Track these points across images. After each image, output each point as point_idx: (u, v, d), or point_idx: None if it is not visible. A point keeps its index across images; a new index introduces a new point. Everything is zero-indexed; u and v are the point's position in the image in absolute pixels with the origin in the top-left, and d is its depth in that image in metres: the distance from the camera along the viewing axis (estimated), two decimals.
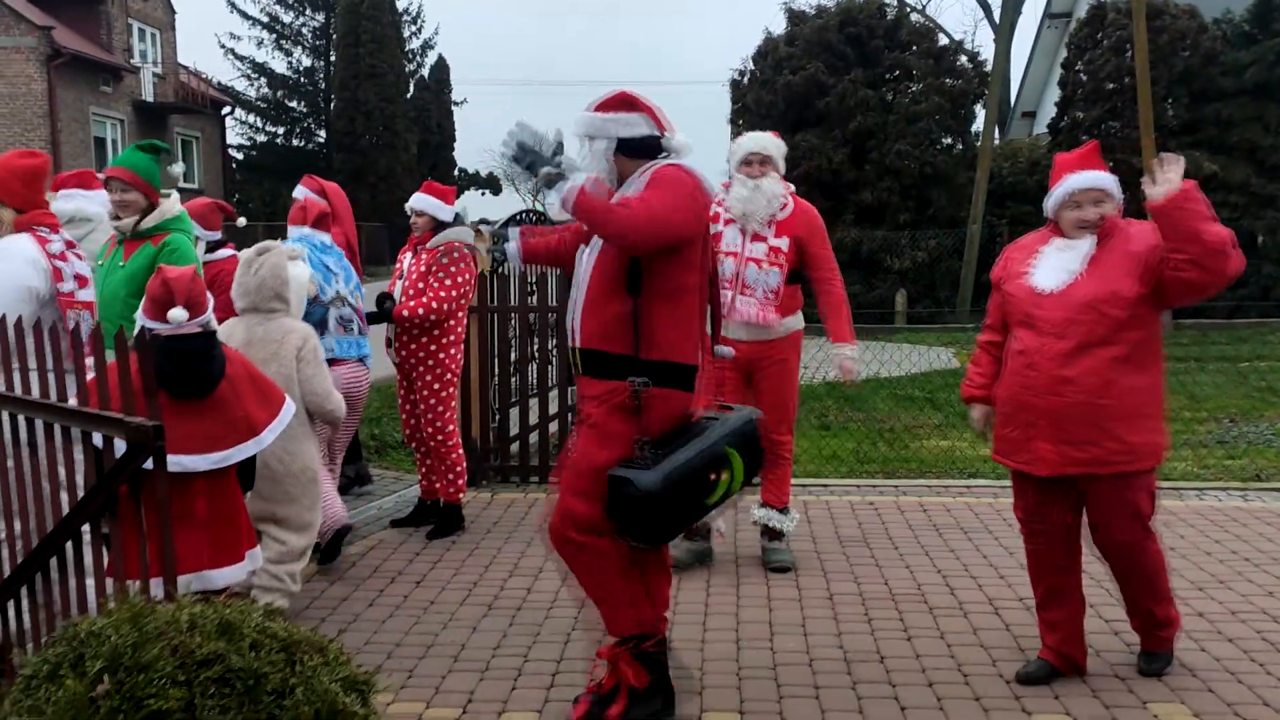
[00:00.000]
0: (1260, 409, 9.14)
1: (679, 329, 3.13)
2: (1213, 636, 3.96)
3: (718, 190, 3.70)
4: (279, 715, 1.31)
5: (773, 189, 4.75)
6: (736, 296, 4.72)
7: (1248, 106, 18.04)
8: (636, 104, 3.20)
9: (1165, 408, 3.47)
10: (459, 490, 5.48)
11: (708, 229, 3.24)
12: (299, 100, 36.36)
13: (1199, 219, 3.24)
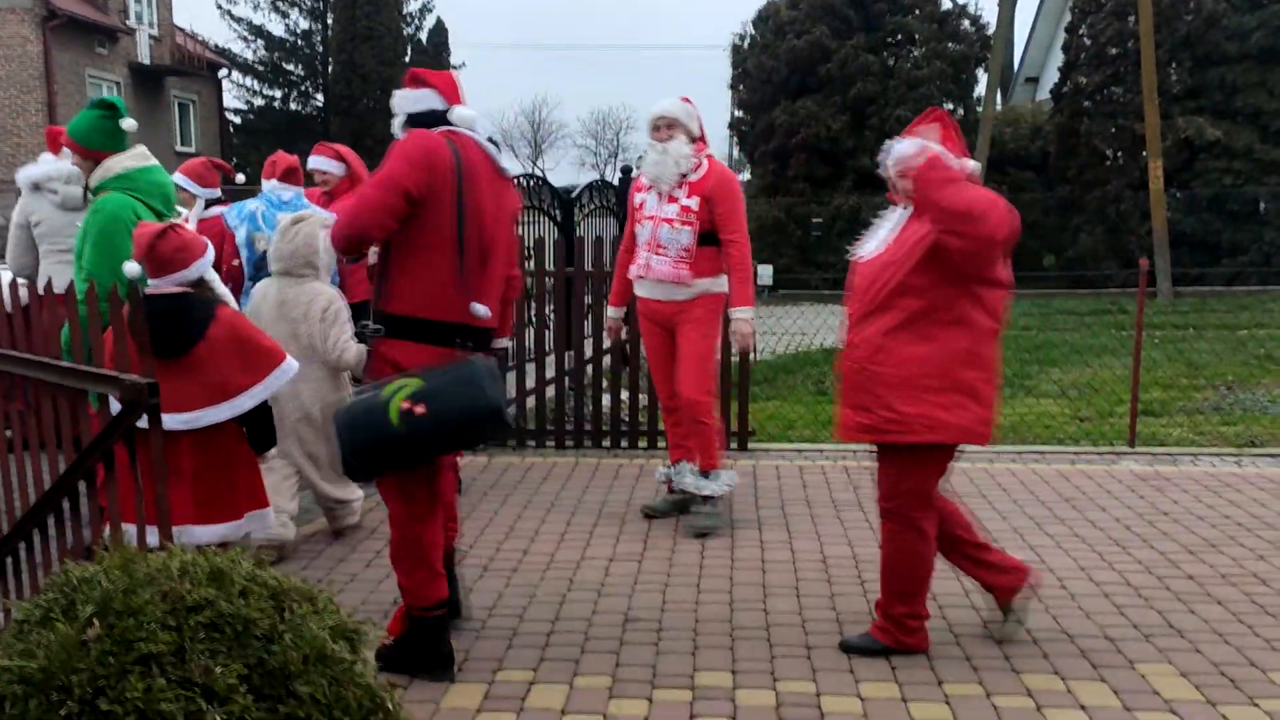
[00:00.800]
0: (1257, 376, 9.16)
1: (419, 286, 3.22)
2: (1201, 599, 3.99)
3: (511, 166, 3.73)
4: (267, 660, 1.33)
5: (680, 150, 4.85)
6: (651, 256, 4.89)
7: (1252, 71, 17.91)
8: (425, 80, 3.41)
9: (973, 383, 3.27)
10: (456, 454, 5.50)
11: (453, 190, 3.21)
12: (296, 63, 36.06)
13: (935, 187, 3.15)
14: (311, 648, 1.32)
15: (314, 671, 1.31)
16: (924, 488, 3.41)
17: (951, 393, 3.26)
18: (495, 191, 3.37)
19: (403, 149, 3.23)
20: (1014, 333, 12.61)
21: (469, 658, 3.52)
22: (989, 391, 3.32)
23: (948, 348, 3.27)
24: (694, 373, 4.88)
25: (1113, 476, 5.84)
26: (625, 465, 6.17)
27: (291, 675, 1.30)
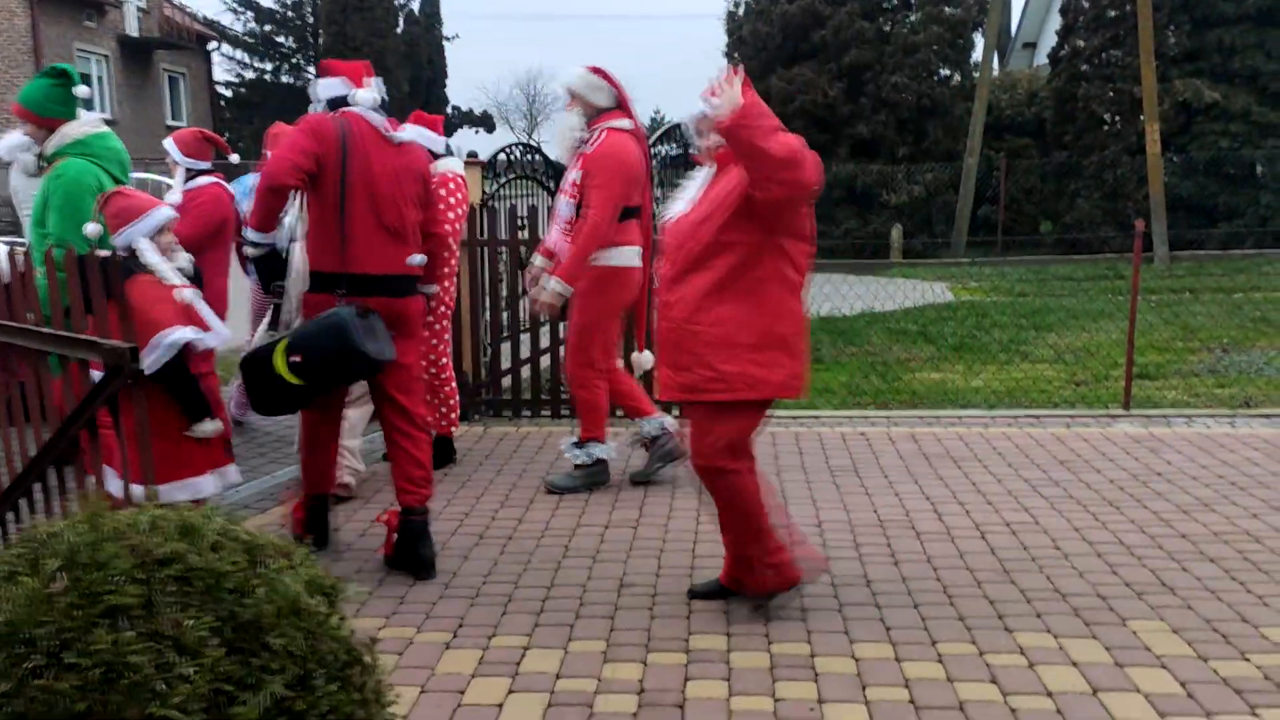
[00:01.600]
0: (1253, 338, 9.15)
1: (313, 243, 3.93)
2: (1195, 557, 4.00)
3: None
4: (240, 612, 1.32)
5: (569, 122, 4.90)
6: (552, 228, 5.03)
7: (1251, 33, 17.77)
8: (333, 69, 4.05)
9: (787, 338, 3.28)
10: (452, 424, 5.51)
11: (338, 160, 3.81)
12: (287, 35, 35.75)
13: (761, 135, 3.08)
14: (285, 601, 1.30)
15: (288, 624, 1.30)
16: (738, 441, 3.40)
17: (769, 349, 3.28)
18: (388, 158, 3.92)
19: (296, 127, 3.93)
20: (1010, 299, 12.60)
21: (464, 624, 3.52)
22: (800, 345, 3.35)
23: (762, 304, 3.28)
24: (571, 346, 5.04)
25: (1108, 439, 5.84)
26: (621, 433, 6.16)
27: (264, 629, 1.28)
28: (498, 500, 4.94)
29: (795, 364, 3.34)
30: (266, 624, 1.29)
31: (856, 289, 14.00)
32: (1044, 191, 19.17)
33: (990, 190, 19.17)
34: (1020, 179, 19.20)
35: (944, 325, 10.40)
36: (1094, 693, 2.97)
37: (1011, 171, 19.09)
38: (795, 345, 3.34)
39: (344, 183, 3.80)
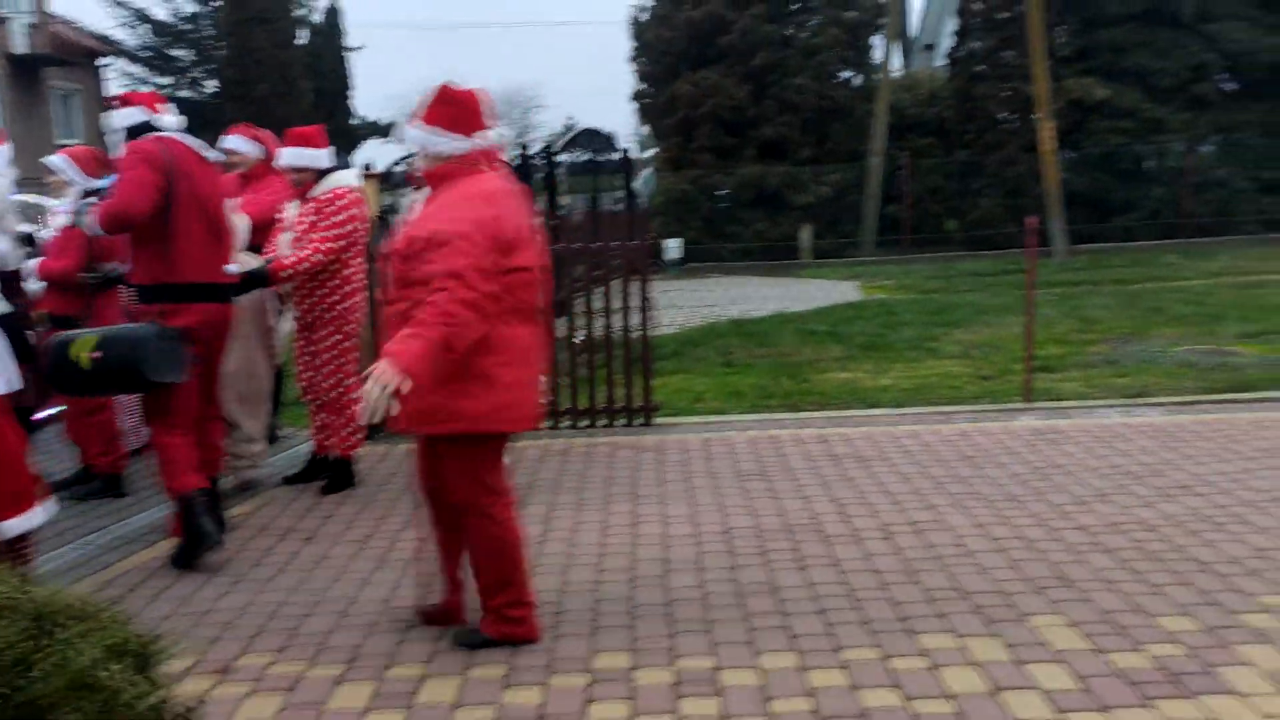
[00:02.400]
0: (1147, 328, 9.43)
1: (148, 259, 4.26)
2: (1093, 549, 4.06)
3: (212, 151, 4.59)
4: (26, 688, 1.19)
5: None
6: None
7: (1137, 31, 18.40)
8: (131, 100, 4.40)
9: (487, 370, 3.16)
10: (355, 445, 5.35)
11: (169, 180, 4.17)
12: (185, 48, 34.75)
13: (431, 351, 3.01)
14: (75, 674, 1.18)
15: (78, 701, 1.18)
16: (483, 476, 3.28)
17: (465, 380, 3.15)
18: (210, 174, 4.44)
19: (134, 156, 4.19)
20: (918, 296, 12.80)
21: (359, 655, 3.39)
22: (507, 375, 3.19)
23: (489, 338, 3.15)
24: None
25: (1011, 433, 5.93)
26: (529, 447, 6.07)
27: (48, 707, 1.16)
28: (401, 521, 4.80)
29: (499, 395, 3.18)
30: (50, 702, 1.16)
31: (768, 290, 14.13)
32: (948, 190, 19.58)
33: (896, 189, 19.51)
34: (925, 178, 19.58)
35: (853, 324, 10.51)
36: (994, 692, 2.97)
37: (916, 170, 19.45)
38: (498, 376, 3.17)
39: (173, 200, 4.18)
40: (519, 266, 3.20)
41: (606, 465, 5.61)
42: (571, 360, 6.65)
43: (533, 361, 3.29)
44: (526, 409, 3.28)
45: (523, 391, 3.24)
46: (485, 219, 3.10)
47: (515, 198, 3.28)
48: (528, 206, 3.37)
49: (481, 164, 3.26)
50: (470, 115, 3.25)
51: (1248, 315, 9.69)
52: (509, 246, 3.15)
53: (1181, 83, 18.11)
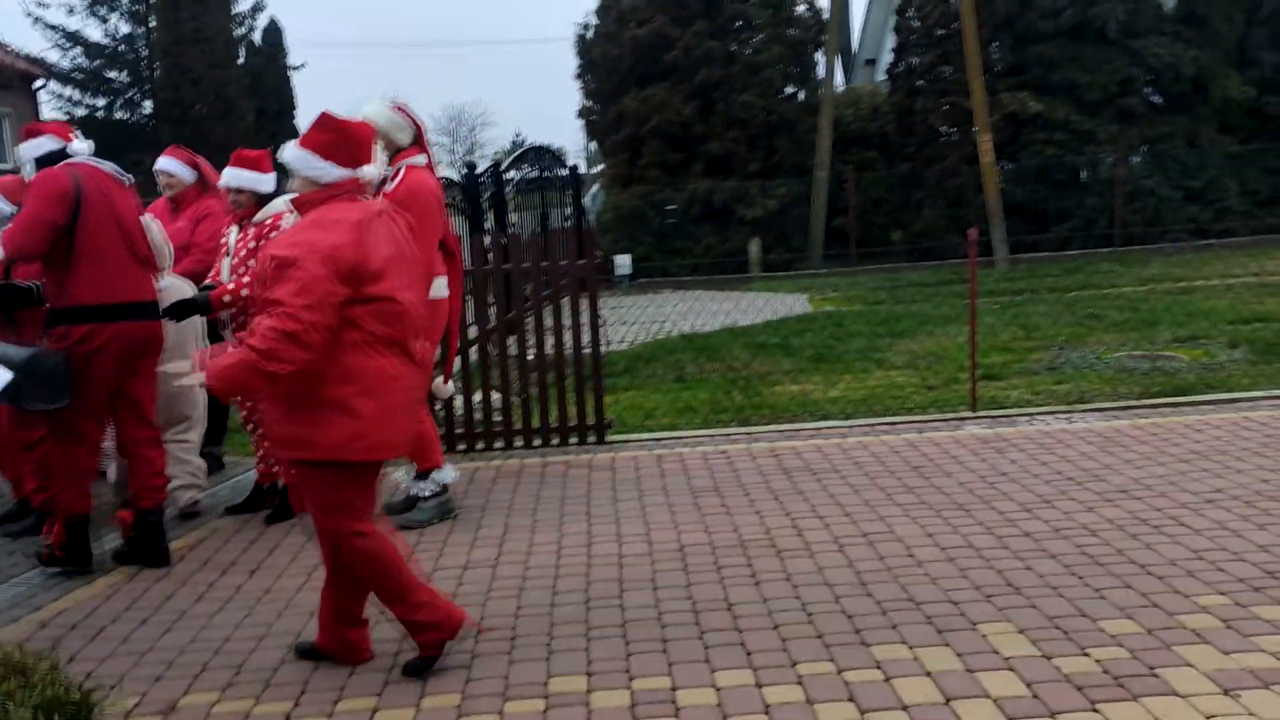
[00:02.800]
0: (1085, 335, 9.64)
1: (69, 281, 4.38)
2: (1037, 554, 4.15)
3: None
4: None
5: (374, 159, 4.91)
6: None
7: (1066, 47, 18.82)
8: (40, 130, 4.57)
9: (344, 399, 3.15)
10: None
11: (75, 207, 4.30)
12: (119, 69, 34.14)
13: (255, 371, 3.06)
14: None
15: None
16: (343, 503, 3.28)
17: (320, 408, 3.16)
18: (128, 198, 4.56)
19: (36, 190, 4.32)
20: (866, 308, 12.97)
21: (306, 689, 3.35)
22: (365, 406, 3.18)
23: (330, 368, 3.17)
24: None
25: (957, 442, 6.04)
26: (481, 468, 6.05)
27: None
28: None
29: (356, 424, 3.17)
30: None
31: (718, 304, 14.21)
32: (892, 202, 19.85)
33: (842, 202, 19.75)
34: (869, 190, 19.84)
35: (803, 337, 10.61)
36: (946, 702, 3.03)
37: (860, 184, 19.70)
38: (355, 405, 3.16)
39: (80, 227, 4.31)
40: (378, 296, 3.18)
41: (560, 485, 5.61)
42: (523, 379, 6.64)
43: (396, 391, 3.25)
44: (385, 438, 3.25)
45: (382, 422, 3.21)
46: (328, 247, 3.09)
47: (380, 228, 3.25)
48: (402, 238, 3.35)
49: (352, 195, 3.27)
50: (348, 145, 3.29)
51: (1180, 321, 9.96)
52: (357, 276, 3.13)
53: (1109, 96, 18.57)
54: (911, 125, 19.69)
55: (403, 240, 3.35)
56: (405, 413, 3.31)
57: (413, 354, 3.31)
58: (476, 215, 9.88)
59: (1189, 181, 18.50)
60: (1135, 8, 18.49)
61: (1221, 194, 18.38)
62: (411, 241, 3.41)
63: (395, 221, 3.36)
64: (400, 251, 3.30)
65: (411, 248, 3.38)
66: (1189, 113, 18.88)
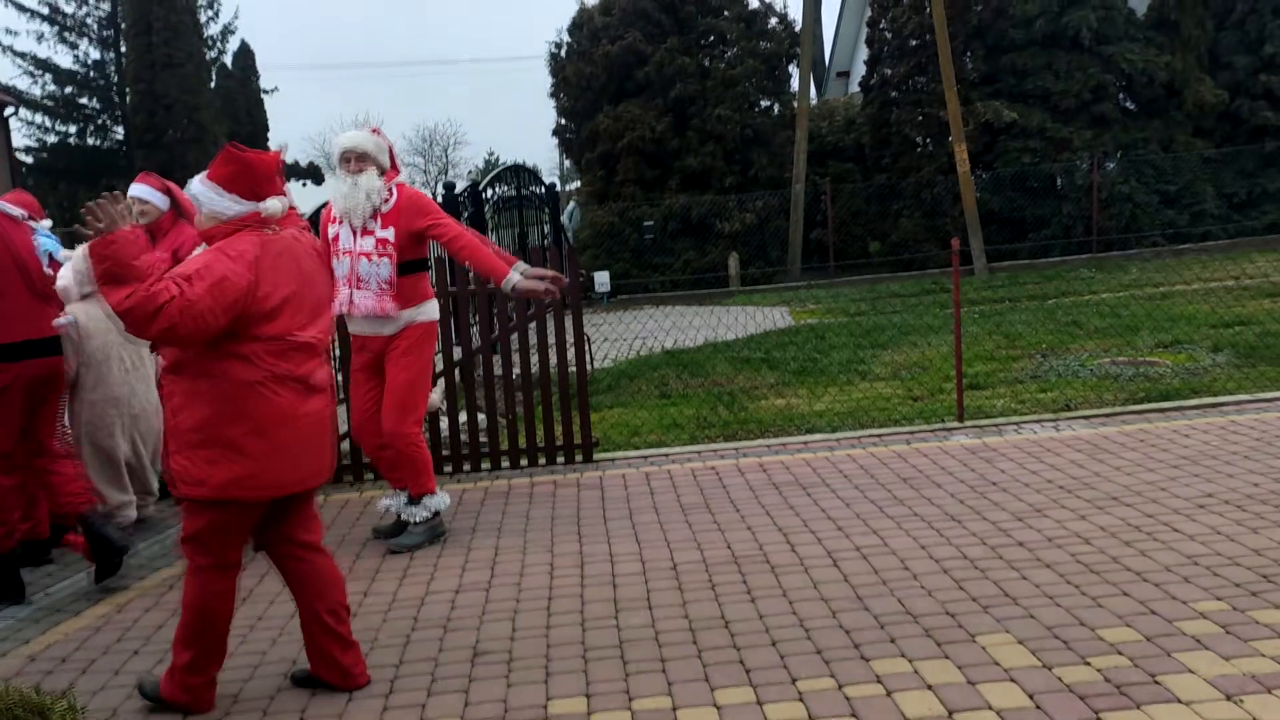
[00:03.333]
0: (1067, 342, 9.70)
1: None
2: (1032, 564, 4.14)
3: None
4: None
5: (370, 183, 4.88)
6: (354, 292, 4.93)
7: (1039, 55, 19.03)
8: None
9: (235, 438, 3.14)
10: None
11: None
12: (90, 96, 33.95)
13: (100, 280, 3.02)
14: None
15: None
16: (210, 541, 3.26)
17: (211, 447, 3.15)
18: (24, 234, 4.66)
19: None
20: (847, 319, 13.01)
21: (304, 715, 3.29)
22: (256, 445, 3.16)
23: (210, 400, 3.14)
24: (397, 405, 4.96)
25: (945, 452, 6.03)
26: (470, 489, 6.00)
27: None
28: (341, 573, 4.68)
29: (247, 463, 3.15)
30: None
31: (699, 319, 14.21)
32: (869, 213, 19.97)
33: (819, 214, 19.85)
34: (846, 202, 19.95)
35: (786, 350, 10.62)
36: (949, 715, 3.00)
37: (837, 195, 19.81)
38: (246, 445, 3.14)
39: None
40: (274, 335, 3.17)
41: (549, 504, 5.57)
42: (508, 399, 6.60)
43: (294, 429, 3.22)
44: (277, 478, 3.22)
45: (274, 460, 3.19)
46: (219, 275, 3.05)
47: (284, 262, 3.22)
48: (311, 269, 3.33)
49: (257, 228, 3.24)
50: (250, 178, 3.24)
51: (1160, 326, 10.03)
52: (245, 313, 3.10)
53: (1083, 103, 18.78)
54: (887, 136, 19.83)
55: (311, 271, 3.33)
56: (305, 449, 3.27)
57: (315, 386, 3.29)
58: None
59: (1165, 186, 18.71)
60: (1107, 15, 18.72)
61: (1198, 198, 18.60)
62: (321, 270, 3.40)
63: (304, 252, 3.33)
64: (305, 284, 3.28)
65: (320, 277, 3.38)
66: (1163, 117, 19.12)
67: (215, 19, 35.43)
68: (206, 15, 34.79)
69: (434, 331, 5.12)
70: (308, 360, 3.26)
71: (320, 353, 3.34)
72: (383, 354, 5.02)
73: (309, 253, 3.37)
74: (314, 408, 3.28)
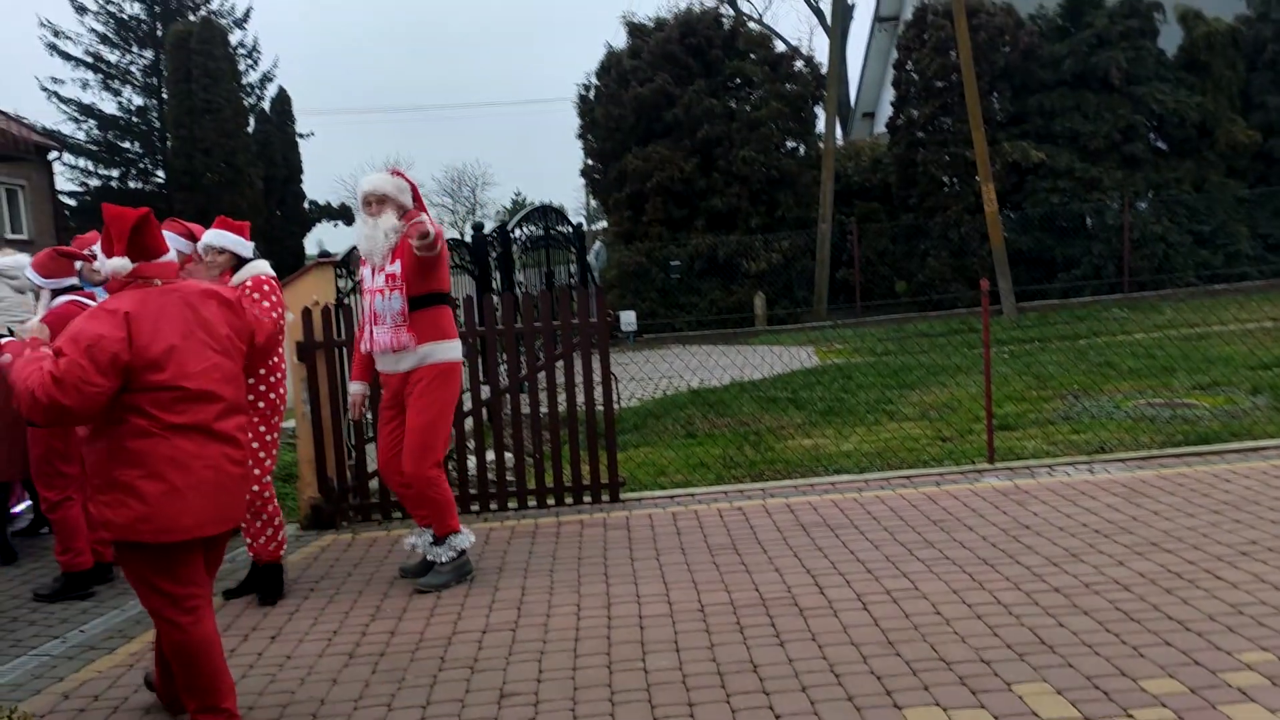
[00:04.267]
0: (1101, 383, 9.57)
1: None
2: (1069, 611, 4.05)
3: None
4: None
5: (389, 224, 4.99)
6: (373, 328, 5.02)
7: (1067, 96, 19.02)
8: None
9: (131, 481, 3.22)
10: (280, 546, 5.00)
11: None
12: (132, 140, 34.70)
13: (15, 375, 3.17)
14: None
15: None
16: (155, 583, 3.32)
17: (111, 490, 3.25)
18: None
19: None
20: (873, 359, 12.93)
21: None
22: (150, 488, 3.22)
23: (106, 446, 3.26)
24: (416, 448, 4.96)
25: (976, 494, 5.95)
26: (496, 529, 5.97)
27: None
28: (368, 612, 4.68)
29: (143, 507, 3.21)
30: None
31: (726, 359, 14.18)
32: (895, 253, 19.92)
33: (845, 254, 19.83)
34: (872, 242, 19.93)
35: (812, 390, 10.56)
36: None
37: (863, 235, 19.80)
38: (142, 488, 3.21)
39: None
40: (160, 384, 3.24)
41: (576, 544, 5.53)
42: (535, 438, 6.59)
43: (190, 472, 3.27)
44: (175, 522, 3.24)
45: (168, 504, 3.23)
46: (90, 338, 3.13)
47: (170, 314, 3.30)
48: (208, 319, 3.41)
49: (143, 283, 3.34)
50: (107, 238, 3.38)
51: (1197, 367, 9.89)
52: (125, 367, 3.17)
53: (1113, 143, 18.71)
54: (913, 176, 19.82)
55: (207, 320, 3.40)
56: (203, 494, 3.30)
57: (218, 433, 3.34)
58: (484, 274, 9.90)
59: (1198, 226, 18.56)
60: (1136, 56, 18.71)
61: (1232, 238, 18.43)
62: (219, 321, 3.45)
63: (192, 303, 3.39)
64: (193, 334, 3.35)
65: (218, 328, 3.43)
66: (1195, 158, 19.02)
67: (254, 67, 36.21)
68: (246, 64, 35.56)
69: (454, 372, 5.07)
70: (205, 408, 3.31)
71: (223, 400, 3.37)
72: (401, 393, 5.02)
73: (199, 303, 3.42)
74: (213, 453, 3.32)
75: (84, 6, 34.78)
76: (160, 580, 3.31)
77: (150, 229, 3.38)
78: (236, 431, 3.41)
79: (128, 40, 34.84)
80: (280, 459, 8.45)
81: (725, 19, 20.98)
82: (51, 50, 34.55)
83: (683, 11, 20.71)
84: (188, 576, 3.34)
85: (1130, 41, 18.78)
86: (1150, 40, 19.09)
